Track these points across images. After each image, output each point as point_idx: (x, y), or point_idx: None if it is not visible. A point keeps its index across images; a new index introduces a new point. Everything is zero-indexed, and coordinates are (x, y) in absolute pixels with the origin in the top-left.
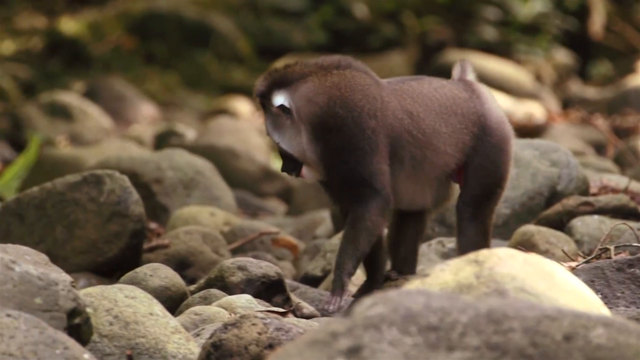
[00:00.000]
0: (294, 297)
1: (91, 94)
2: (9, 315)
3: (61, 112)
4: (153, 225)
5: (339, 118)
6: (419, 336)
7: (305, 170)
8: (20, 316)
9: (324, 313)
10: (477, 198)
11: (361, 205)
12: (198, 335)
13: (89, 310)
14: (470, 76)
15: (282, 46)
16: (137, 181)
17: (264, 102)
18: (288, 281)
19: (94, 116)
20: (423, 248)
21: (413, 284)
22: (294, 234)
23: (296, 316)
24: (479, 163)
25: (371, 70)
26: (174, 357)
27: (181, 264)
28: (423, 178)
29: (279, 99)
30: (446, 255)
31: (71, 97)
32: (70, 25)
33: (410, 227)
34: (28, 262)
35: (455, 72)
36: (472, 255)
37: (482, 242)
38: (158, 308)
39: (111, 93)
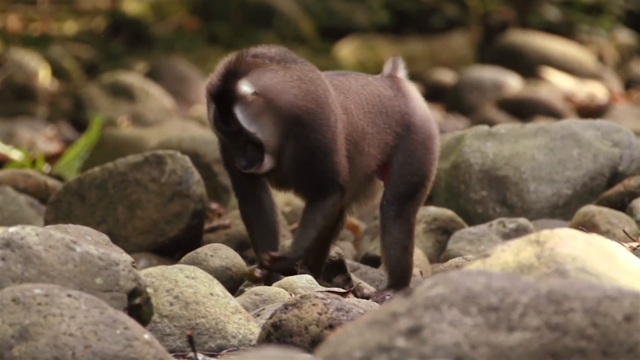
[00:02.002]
0: (355, 278)
1: (153, 75)
2: (69, 296)
3: (123, 93)
4: (214, 206)
5: (311, 111)
6: (480, 316)
7: (267, 161)
8: (80, 296)
9: (265, 266)
10: (400, 196)
11: (324, 198)
12: (258, 315)
13: (149, 290)
14: (401, 73)
15: (344, 27)
16: (198, 161)
17: (228, 96)
18: (349, 261)
19: (156, 96)
20: (484, 228)
21: (474, 265)
22: (355, 215)
23: (357, 296)
24: (404, 161)
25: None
26: (234, 337)
27: (242, 244)
28: None
29: (247, 87)
30: (507, 236)
31: (133, 78)
32: (132, 5)
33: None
34: (89, 242)
35: (386, 68)
36: (533, 236)
37: (407, 241)
38: (218, 288)
39: (173, 73)
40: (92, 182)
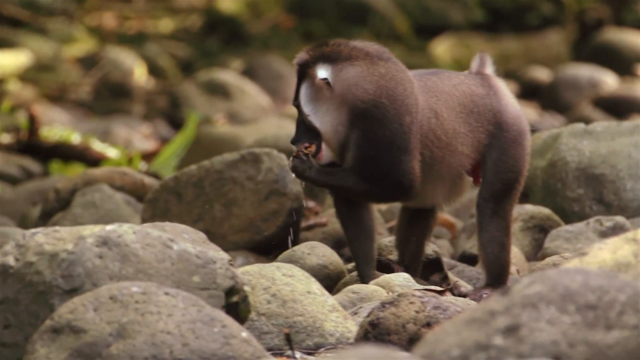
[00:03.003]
0: (452, 276)
1: (249, 72)
2: (167, 294)
3: (219, 90)
4: (311, 204)
5: (382, 109)
6: (577, 315)
7: (325, 150)
8: (178, 294)
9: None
10: (497, 194)
11: (373, 184)
12: (356, 313)
13: (246, 288)
14: (489, 70)
15: (439, 24)
16: None
17: (304, 71)
18: (446, 260)
19: (252, 94)
20: (581, 227)
21: (571, 263)
22: (452, 213)
23: (454, 295)
24: (497, 158)
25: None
26: (332, 335)
27: (338, 243)
28: (437, 179)
29: (324, 72)
30: (604, 234)
31: (229, 75)
32: (228, 3)
33: (420, 225)
34: (186, 240)
35: (474, 64)
36: (630, 234)
37: (504, 238)
38: (316, 286)
39: (269, 71)
40: (188, 180)
